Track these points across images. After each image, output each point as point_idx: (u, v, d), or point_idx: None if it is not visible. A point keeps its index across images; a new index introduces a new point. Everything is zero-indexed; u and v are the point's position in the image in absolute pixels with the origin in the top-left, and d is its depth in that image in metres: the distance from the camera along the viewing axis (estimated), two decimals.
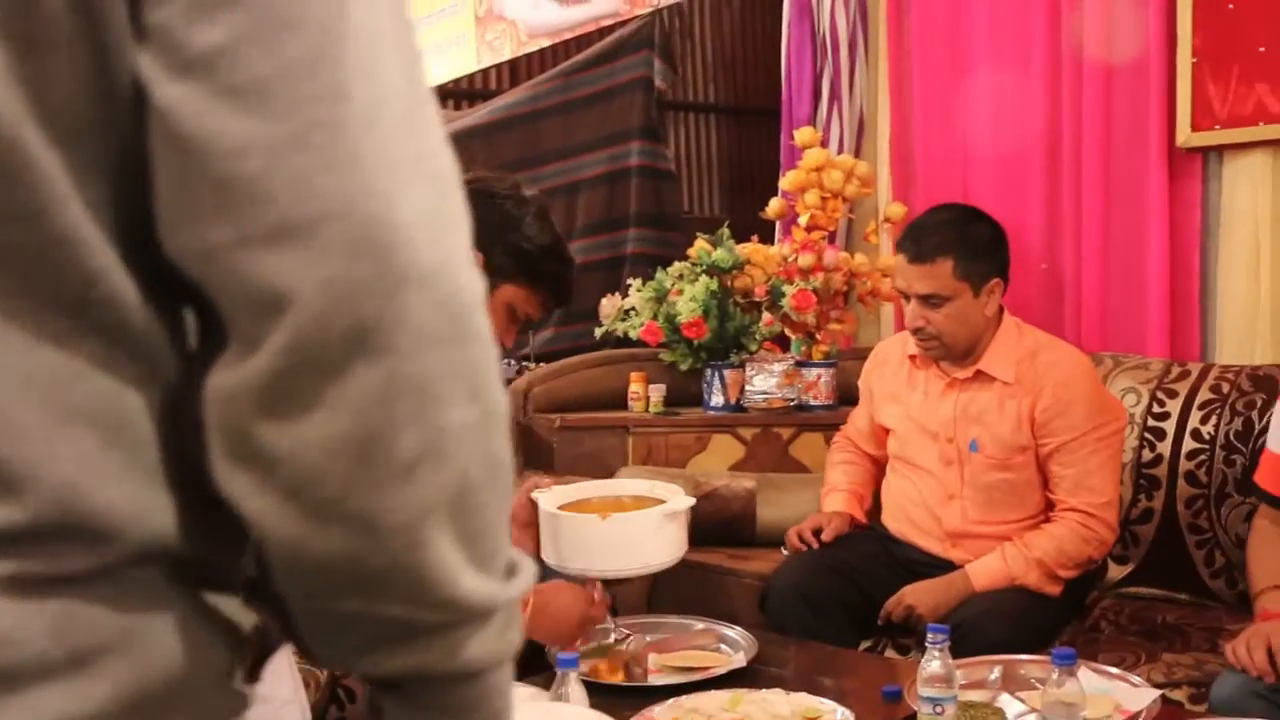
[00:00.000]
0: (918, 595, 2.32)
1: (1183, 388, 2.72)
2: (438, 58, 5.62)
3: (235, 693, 0.63)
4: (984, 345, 2.47)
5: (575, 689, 1.68)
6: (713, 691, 1.91)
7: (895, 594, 2.34)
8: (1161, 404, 2.72)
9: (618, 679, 2.04)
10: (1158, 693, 1.84)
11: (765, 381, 3.20)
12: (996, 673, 1.94)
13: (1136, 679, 1.90)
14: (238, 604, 0.62)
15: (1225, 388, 2.66)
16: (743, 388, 3.20)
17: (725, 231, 3.21)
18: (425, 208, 0.55)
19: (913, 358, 2.57)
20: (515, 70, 5.58)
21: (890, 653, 2.41)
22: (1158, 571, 2.67)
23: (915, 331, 2.45)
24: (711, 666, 2.06)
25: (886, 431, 2.64)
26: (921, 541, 2.52)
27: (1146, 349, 3.04)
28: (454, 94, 5.71)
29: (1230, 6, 2.87)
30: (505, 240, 1.87)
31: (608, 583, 2.13)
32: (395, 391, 0.54)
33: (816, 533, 2.52)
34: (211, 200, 0.52)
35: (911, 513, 2.55)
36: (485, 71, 5.48)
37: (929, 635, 1.71)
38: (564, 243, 2.00)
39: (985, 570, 2.35)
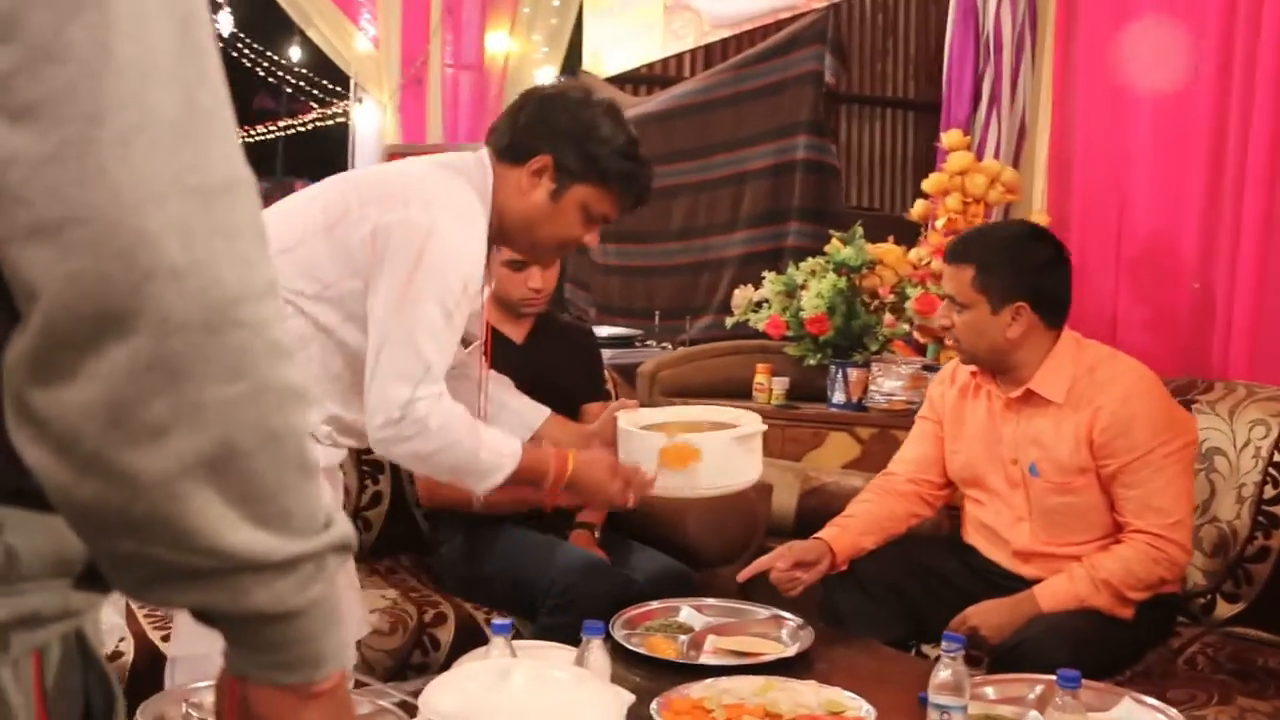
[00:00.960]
0: (982, 615, 2.28)
1: None
2: (625, 44, 5.76)
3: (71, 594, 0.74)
4: (1034, 365, 2.40)
5: (598, 656, 1.76)
6: (749, 677, 1.96)
7: (960, 613, 2.30)
8: None
9: (670, 655, 2.11)
10: None
11: (890, 383, 3.20)
12: (1036, 691, 1.92)
13: (1175, 713, 1.85)
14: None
15: None
16: (866, 387, 3.21)
17: (858, 230, 3.21)
18: (177, 216, 0.64)
19: (973, 374, 2.53)
20: (695, 60, 5.66)
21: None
22: (1267, 613, 2.55)
23: (945, 330, 2.48)
24: (762, 654, 2.12)
25: (944, 467, 2.60)
26: (995, 556, 2.49)
27: None
28: (635, 79, 5.83)
29: None
30: (575, 142, 1.95)
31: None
32: (142, 367, 0.64)
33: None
34: None
35: (984, 532, 2.53)
36: (669, 59, 5.59)
37: (944, 644, 1.72)
38: (637, 144, 2.02)
39: (1052, 592, 2.29)
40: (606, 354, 3.90)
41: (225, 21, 9.65)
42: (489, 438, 1.91)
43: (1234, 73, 3.07)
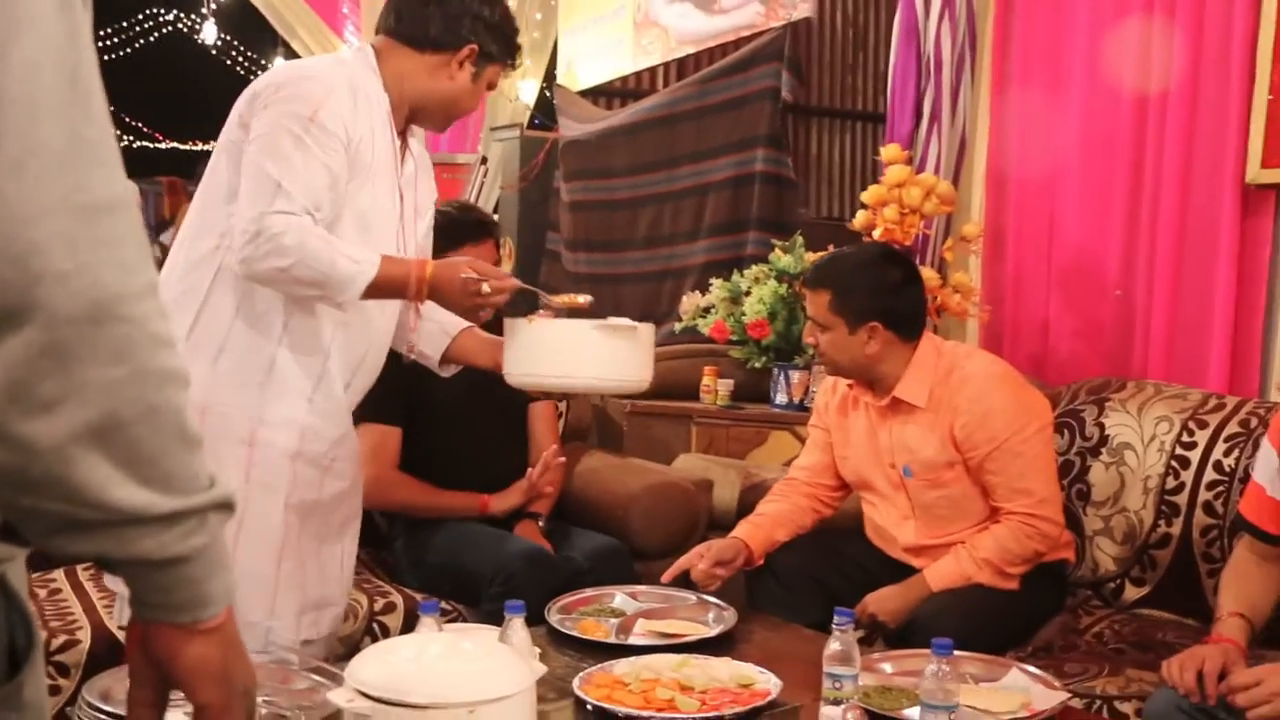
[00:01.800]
0: (879, 602, 2.46)
1: (1214, 419, 2.76)
2: (597, 58, 5.95)
3: None
4: (896, 375, 2.58)
5: (518, 633, 1.92)
6: (669, 655, 2.13)
7: (860, 601, 2.46)
8: (1191, 434, 2.77)
9: (600, 636, 2.28)
10: (1065, 695, 1.96)
11: None
12: (934, 665, 2.09)
13: (1057, 684, 2.02)
14: None
15: (1254, 422, 2.70)
16: (807, 388, 3.38)
17: (798, 239, 3.39)
18: (65, 228, 0.78)
19: (850, 387, 2.70)
20: (670, 72, 5.84)
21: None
22: (1172, 596, 2.73)
23: (812, 346, 2.66)
24: (686, 634, 2.28)
25: (837, 471, 2.76)
26: (890, 552, 2.68)
27: (1207, 381, 3.08)
28: (608, 92, 6.02)
29: None
30: (496, 30, 2.19)
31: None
32: (35, 354, 0.77)
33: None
34: None
35: (877, 530, 2.72)
36: (639, 73, 5.77)
37: (835, 618, 1.89)
38: (513, 17, 2.26)
39: (940, 573, 2.48)
40: None
41: (210, 30, 9.82)
42: (345, 249, 2.02)
43: (1150, 101, 3.26)
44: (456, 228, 2.79)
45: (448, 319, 2.34)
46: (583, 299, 2.34)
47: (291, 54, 8.79)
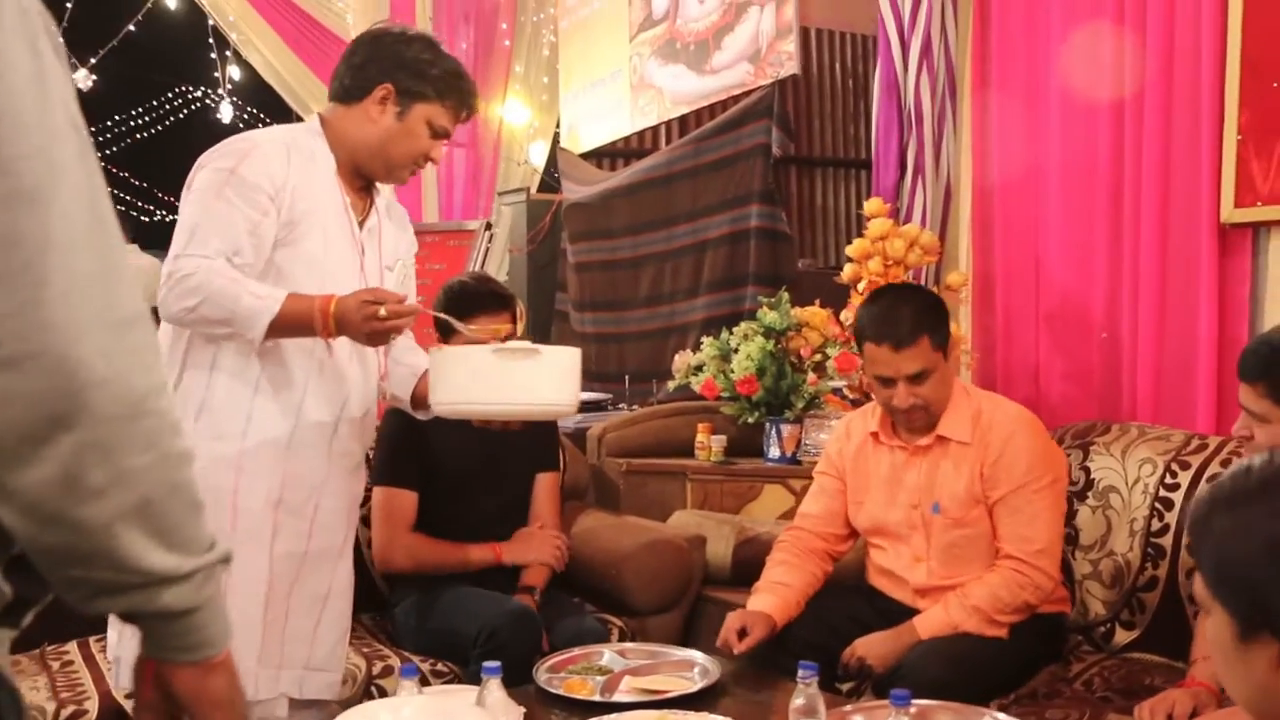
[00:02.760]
0: (868, 646, 2.48)
1: (1196, 460, 2.78)
2: (598, 121, 6.05)
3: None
4: (943, 408, 2.63)
5: (495, 693, 1.97)
6: (645, 711, 2.17)
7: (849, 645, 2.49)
8: (1174, 475, 2.79)
9: (585, 694, 2.32)
10: None
11: (823, 436, 3.40)
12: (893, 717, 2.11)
13: None
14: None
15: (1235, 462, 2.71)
16: (799, 441, 3.42)
17: (784, 295, 3.44)
18: (103, 343, 0.90)
19: (874, 435, 2.72)
20: (670, 131, 5.94)
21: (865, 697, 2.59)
22: (1161, 639, 2.73)
23: (909, 410, 2.58)
24: (669, 690, 2.32)
25: (846, 519, 2.77)
26: (897, 595, 2.69)
27: (1195, 422, 3.09)
28: (610, 153, 6.12)
29: (1275, 85, 2.91)
30: (408, 69, 2.27)
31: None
32: (84, 450, 0.90)
33: (741, 634, 2.51)
34: None
35: (885, 574, 2.73)
36: (638, 134, 5.87)
37: (799, 672, 1.92)
38: (452, 60, 2.34)
39: (929, 621, 2.51)
40: (575, 419, 4.15)
41: (226, 110, 10.04)
42: (253, 287, 2.10)
43: (1126, 146, 3.30)
44: (471, 298, 2.84)
45: (418, 361, 2.41)
46: (505, 329, 2.41)
47: None
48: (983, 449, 2.59)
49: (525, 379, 2.12)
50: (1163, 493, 2.79)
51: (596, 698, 2.30)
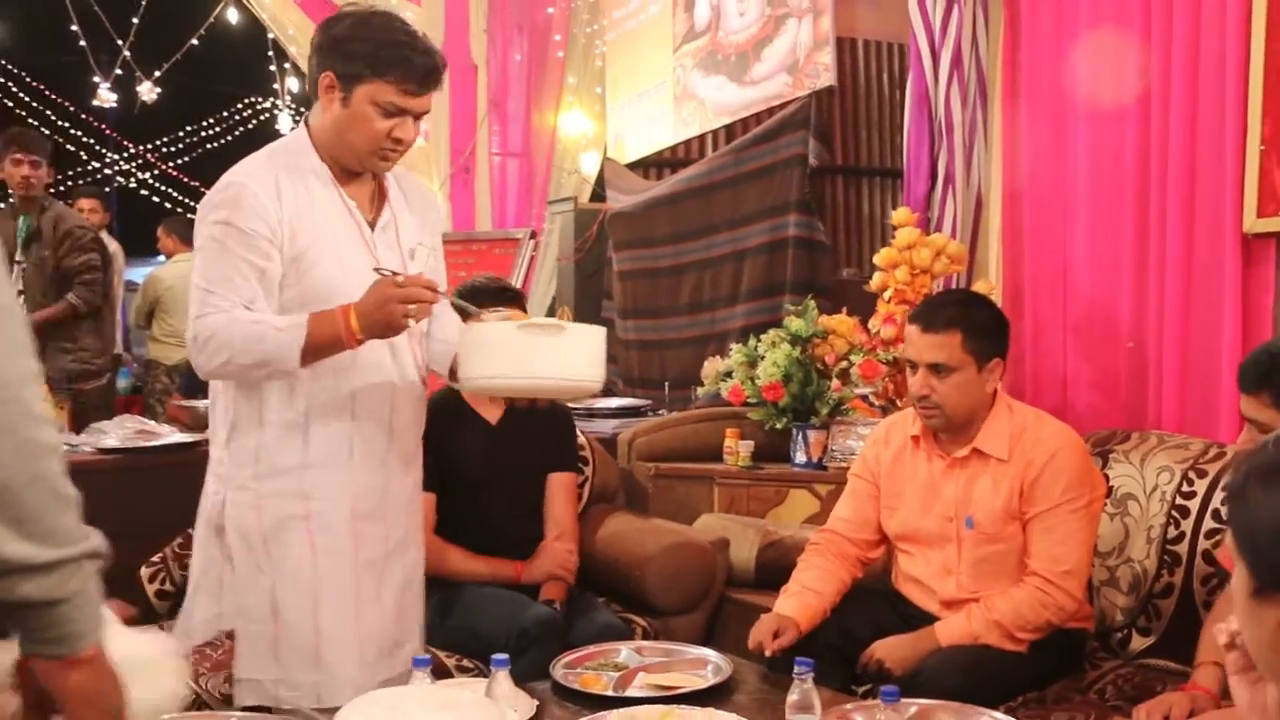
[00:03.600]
0: (887, 650, 2.51)
1: (1214, 468, 2.79)
2: (643, 131, 6.14)
3: None
4: (979, 424, 2.63)
5: (503, 685, 2.04)
6: (656, 705, 2.24)
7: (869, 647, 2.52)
8: (1191, 483, 2.81)
9: (599, 689, 2.38)
10: None
11: (850, 442, 3.46)
12: (911, 710, 2.16)
13: None
14: None
15: None
16: (825, 447, 3.47)
17: (810, 303, 3.50)
18: None
19: (915, 439, 2.73)
20: (717, 140, 6.01)
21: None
22: (1177, 645, 2.74)
23: (920, 400, 2.62)
24: (681, 686, 2.38)
25: (879, 524, 2.78)
26: (924, 604, 2.70)
27: (1218, 430, 3.10)
28: (655, 163, 6.21)
29: None
30: (339, 50, 2.20)
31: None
32: None
33: (775, 636, 2.55)
34: None
35: (914, 583, 2.74)
36: (683, 144, 5.95)
37: (795, 668, 1.98)
38: (395, 32, 2.21)
39: (950, 629, 2.52)
40: (613, 423, 4.23)
41: (285, 121, 10.25)
42: (277, 322, 2.13)
43: (1152, 156, 3.32)
44: (482, 293, 2.88)
45: (452, 335, 2.42)
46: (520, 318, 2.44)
47: None
48: (1023, 466, 2.58)
49: (551, 354, 2.13)
50: (1179, 500, 2.81)
51: (610, 692, 2.37)
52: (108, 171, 12.51)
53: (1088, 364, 3.60)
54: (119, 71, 8.83)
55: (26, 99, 11.23)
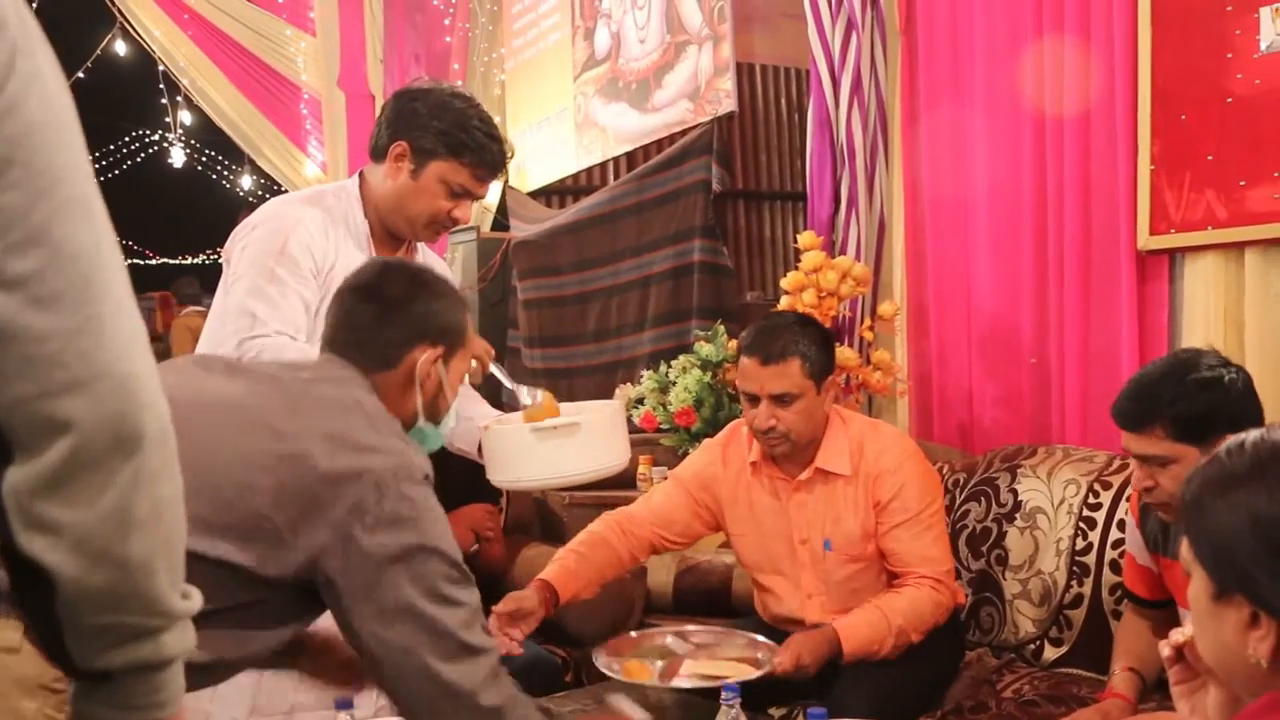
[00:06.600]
0: (804, 648, 2.37)
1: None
2: (545, 159, 6.14)
3: None
4: (819, 443, 2.60)
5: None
6: None
7: (782, 644, 2.38)
8: (1096, 495, 2.87)
9: (644, 679, 2.31)
10: None
11: None
12: None
13: None
14: None
15: None
16: None
17: (719, 328, 3.51)
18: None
19: (754, 465, 2.67)
20: (618, 167, 6.03)
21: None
22: (1088, 654, 2.80)
23: (766, 432, 2.53)
24: (729, 676, 2.23)
25: (683, 531, 2.76)
26: (790, 630, 2.57)
27: (1120, 444, 3.17)
28: (557, 191, 6.20)
29: (1183, 117, 3.02)
30: (425, 124, 2.27)
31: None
32: (139, 478, 0.85)
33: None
34: (16, 368, 0.81)
35: (778, 610, 2.71)
36: (584, 171, 5.96)
37: (723, 693, 1.97)
38: (474, 118, 2.30)
39: (853, 636, 2.42)
40: None
41: (178, 155, 10.07)
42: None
43: (1048, 176, 3.41)
44: None
45: (477, 413, 2.46)
46: (542, 394, 2.44)
47: (257, 170, 9.01)
48: (871, 481, 2.57)
49: (570, 454, 2.23)
50: (1086, 512, 2.87)
51: (655, 682, 2.30)
52: None
53: (992, 381, 3.66)
54: None
55: None
